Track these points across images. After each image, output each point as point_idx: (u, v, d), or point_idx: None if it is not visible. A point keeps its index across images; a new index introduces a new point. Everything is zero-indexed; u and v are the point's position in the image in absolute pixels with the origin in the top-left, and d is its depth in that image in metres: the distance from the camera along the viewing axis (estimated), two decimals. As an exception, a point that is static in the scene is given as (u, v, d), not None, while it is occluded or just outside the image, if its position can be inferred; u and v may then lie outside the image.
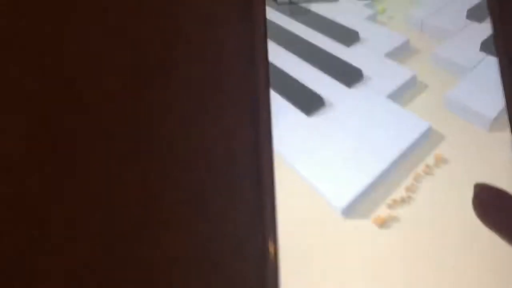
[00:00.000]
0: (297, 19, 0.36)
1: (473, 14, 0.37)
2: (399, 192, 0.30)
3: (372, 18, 0.38)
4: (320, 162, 0.31)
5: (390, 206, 0.29)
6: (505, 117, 0.30)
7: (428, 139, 0.31)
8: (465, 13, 0.37)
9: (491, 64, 0.33)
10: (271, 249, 0.26)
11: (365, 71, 0.34)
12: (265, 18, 0.31)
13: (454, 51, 0.35)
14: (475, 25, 0.36)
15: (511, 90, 0.29)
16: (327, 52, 0.35)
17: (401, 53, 0.35)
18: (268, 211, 0.26)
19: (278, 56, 0.34)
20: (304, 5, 0.36)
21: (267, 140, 0.28)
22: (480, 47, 0.35)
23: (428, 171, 0.30)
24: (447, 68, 0.34)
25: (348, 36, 0.36)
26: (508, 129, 0.29)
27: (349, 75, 0.34)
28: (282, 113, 0.33)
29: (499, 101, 0.30)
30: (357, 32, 0.36)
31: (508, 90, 0.30)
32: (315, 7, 0.37)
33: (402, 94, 0.34)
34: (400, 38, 0.36)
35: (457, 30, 0.36)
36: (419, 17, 0.37)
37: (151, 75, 0.31)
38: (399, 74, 0.34)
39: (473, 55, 0.35)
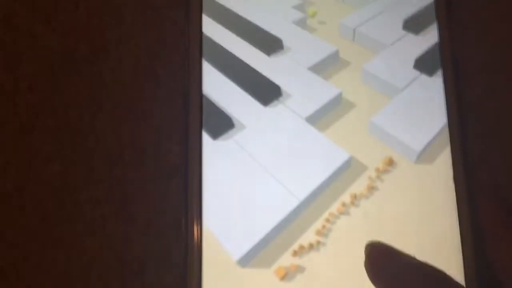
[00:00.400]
0: (214, 19, 0.31)
1: (410, 25, 0.33)
2: (308, 237, 0.26)
3: (301, 23, 0.34)
4: (222, 198, 0.27)
5: (295, 254, 0.26)
6: (432, 150, 0.28)
7: (347, 170, 0.28)
8: (401, 24, 0.33)
9: (423, 85, 0.31)
10: (195, 258, 0.25)
11: (284, 87, 0.30)
12: (201, 6, 0.30)
13: (386, 68, 0.31)
14: (411, 38, 0.33)
15: (452, 97, 0.29)
16: (243, 63, 0.31)
17: (328, 66, 0.32)
18: (194, 217, 0.25)
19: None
20: (223, 2, 0.32)
21: (196, 139, 0.27)
22: (414, 64, 0.32)
23: (343, 210, 0.27)
24: (377, 87, 0.31)
25: (270, 44, 0.32)
26: (434, 162, 0.28)
27: (266, 92, 0.30)
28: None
29: (428, 132, 0.29)
30: (281, 40, 0.32)
31: (450, 96, 0.29)
32: (234, 5, 0.32)
33: (324, 115, 0.30)
34: (329, 48, 0.32)
35: (391, 42, 0.33)
36: (351, 25, 0.33)
37: (80, 61, 0.30)
38: (323, 91, 0.31)
39: (406, 73, 0.31)
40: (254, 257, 0.26)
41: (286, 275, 0.26)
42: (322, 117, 0.30)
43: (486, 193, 0.26)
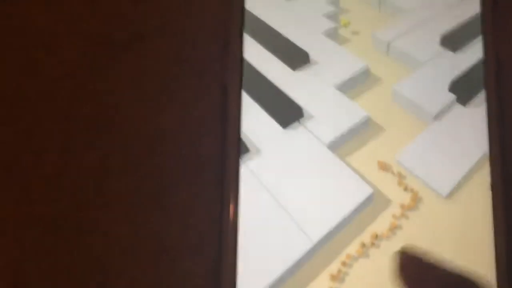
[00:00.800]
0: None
1: (448, 42, 0.31)
2: (321, 284, 0.25)
3: (332, 33, 0.31)
4: None
5: None
6: (464, 186, 0.26)
7: (369, 206, 0.26)
8: (438, 39, 0.30)
9: (458, 112, 0.28)
10: (230, 247, 0.25)
11: (307, 107, 0.28)
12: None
13: (419, 90, 0.29)
14: (448, 55, 0.30)
15: (493, 99, 0.28)
16: (264, 78, 0.28)
17: (356, 83, 0.30)
18: (229, 209, 0.25)
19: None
20: (249, 8, 0.30)
21: (235, 134, 0.26)
22: (450, 87, 0.29)
23: (362, 252, 0.24)
24: (408, 110, 0.29)
25: (296, 57, 0.29)
26: (466, 198, 0.26)
27: (286, 113, 0.28)
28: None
29: (461, 166, 0.27)
30: (307, 54, 0.30)
31: (491, 98, 0.28)
32: (261, 12, 0.30)
33: (349, 140, 0.28)
34: (359, 64, 0.30)
35: (426, 59, 0.30)
36: (385, 38, 0.31)
37: (120, 47, 0.29)
38: (349, 114, 0.29)
39: (440, 97, 0.29)
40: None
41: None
42: (346, 142, 0.28)
43: None
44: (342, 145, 0.28)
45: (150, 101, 0.29)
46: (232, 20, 0.29)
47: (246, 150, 0.27)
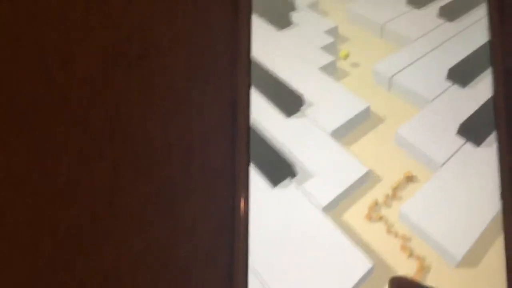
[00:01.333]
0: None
1: (456, 75, 0.28)
2: None
3: (330, 68, 0.29)
4: None
5: None
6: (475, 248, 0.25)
7: (368, 278, 0.24)
8: (445, 72, 0.28)
9: (468, 156, 0.26)
10: (241, 258, 0.25)
11: (300, 164, 0.26)
12: (250, 7, 0.29)
13: (425, 134, 0.26)
14: (456, 91, 0.28)
15: (502, 106, 0.27)
16: (255, 130, 0.26)
17: (356, 125, 0.28)
18: (240, 219, 0.25)
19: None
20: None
21: (244, 140, 0.27)
22: (459, 129, 0.27)
23: None
24: (413, 156, 0.27)
25: (290, 101, 0.27)
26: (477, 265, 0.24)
27: (277, 170, 0.26)
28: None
29: (472, 232, 0.25)
30: (301, 98, 0.27)
31: (499, 105, 0.27)
32: (256, 48, 0.28)
33: (342, 200, 0.26)
34: (359, 104, 0.28)
35: (433, 95, 0.27)
36: (387, 72, 0.28)
37: (132, 56, 0.29)
38: (348, 169, 0.26)
39: (448, 142, 0.26)
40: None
41: None
42: (341, 201, 0.25)
43: None
44: (335, 209, 0.25)
45: (161, 112, 0.29)
46: (241, 33, 0.29)
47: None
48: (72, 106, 0.28)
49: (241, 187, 0.26)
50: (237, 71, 0.28)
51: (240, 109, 0.27)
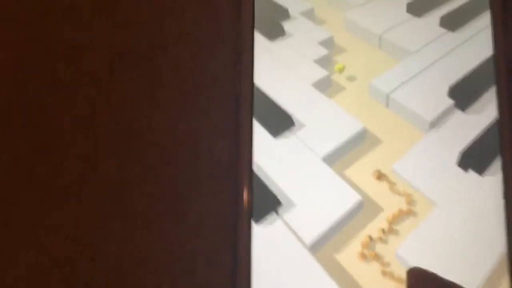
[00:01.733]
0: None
1: (457, 94, 0.26)
2: None
3: (324, 84, 0.27)
4: None
5: None
6: None
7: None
8: (446, 89, 0.26)
9: (467, 186, 0.25)
10: (244, 259, 0.25)
11: (289, 193, 0.25)
12: (253, 7, 0.29)
13: (425, 165, 0.25)
14: (459, 116, 0.26)
15: (505, 97, 0.26)
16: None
17: (352, 148, 0.26)
18: (244, 218, 0.25)
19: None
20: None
21: (248, 140, 0.27)
22: (459, 160, 0.26)
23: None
24: (410, 184, 0.25)
25: (279, 121, 0.25)
26: None
27: (263, 204, 0.25)
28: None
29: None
30: (291, 118, 0.26)
31: (502, 96, 0.26)
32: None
33: (342, 230, 0.24)
34: (355, 125, 0.26)
35: (435, 118, 0.26)
36: (385, 88, 0.27)
37: (140, 56, 0.29)
38: (342, 198, 0.25)
39: (450, 172, 0.25)
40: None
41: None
42: (335, 238, 0.24)
43: None
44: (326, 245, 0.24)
45: (166, 110, 0.29)
46: (244, 30, 0.29)
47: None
48: (78, 105, 0.29)
49: (245, 187, 0.26)
50: (241, 68, 0.28)
51: (243, 106, 0.27)
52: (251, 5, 0.29)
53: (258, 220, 0.24)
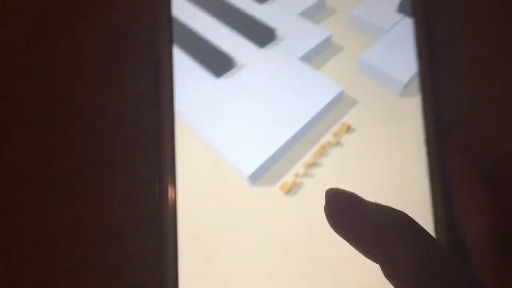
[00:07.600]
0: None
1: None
2: (307, 159, 0.27)
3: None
4: (227, 127, 0.28)
5: (297, 174, 0.27)
6: (417, 82, 0.28)
7: (340, 102, 0.28)
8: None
9: (407, 26, 0.30)
10: (170, 228, 0.25)
11: (278, 31, 0.31)
12: None
13: (371, 12, 0.31)
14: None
15: (423, 48, 0.28)
16: (238, 10, 0.31)
17: (316, 12, 0.31)
18: (168, 185, 0.25)
19: (185, 12, 0.30)
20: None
21: (169, 107, 0.27)
22: (398, 8, 0.31)
23: (337, 140, 0.27)
24: (363, 30, 0.31)
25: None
26: (419, 95, 0.27)
27: (261, 35, 0.30)
28: (189, 74, 0.29)
29: (413, 66, 0.28)
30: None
31: (420, 48, 0.28)
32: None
33: (316, 56, 0.30)
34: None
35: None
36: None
37: (58, 24, 0.29)
38: (314, 34, 0.31)
39: (390, 16, 0.31)
40: (261, 175, 0.27)
41: (290, 189, 0.27)
42: (314, 58, 0.30)
43: (458, 150, 0.25)
44: (311, 60, 0.30)
45: (89, 78, 0.28)
46: None
47: (232, 65, 0.30)
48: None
49: (168, 155, 0.26)
50: (159, 29, 0.28)
51: (164, 71, 0.27)
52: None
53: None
